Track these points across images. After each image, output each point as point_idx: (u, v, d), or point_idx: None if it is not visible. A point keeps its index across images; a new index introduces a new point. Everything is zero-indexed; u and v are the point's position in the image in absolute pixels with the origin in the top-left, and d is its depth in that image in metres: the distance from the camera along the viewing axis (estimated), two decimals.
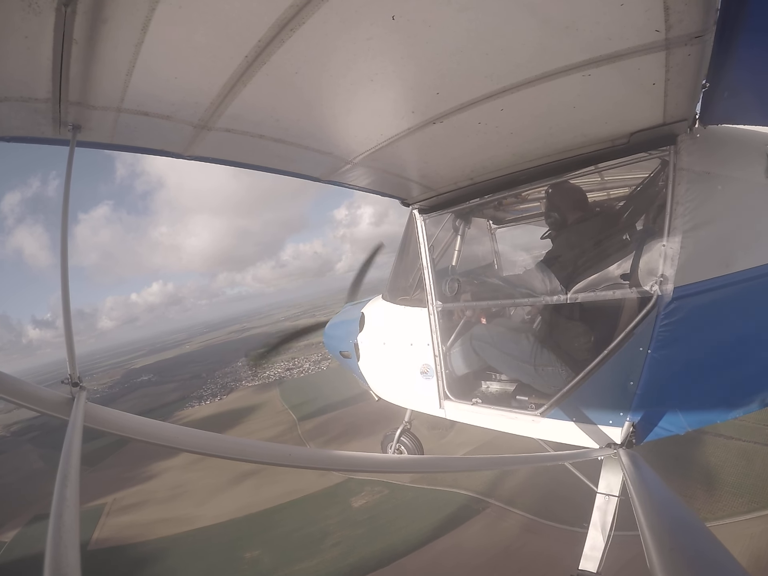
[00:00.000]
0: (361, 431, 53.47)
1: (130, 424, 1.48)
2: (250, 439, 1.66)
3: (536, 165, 2.65)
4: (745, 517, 27.06)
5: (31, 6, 1.19)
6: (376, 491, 44.23)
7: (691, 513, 1.63)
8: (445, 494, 40.20)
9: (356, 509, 42.22)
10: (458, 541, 33.41)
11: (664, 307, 2.28)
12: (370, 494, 44.03)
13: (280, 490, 48.10)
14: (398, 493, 42.92)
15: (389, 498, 42.60)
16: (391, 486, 43.89)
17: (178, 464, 57.52)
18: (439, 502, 39.40)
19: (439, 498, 39.91)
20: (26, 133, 1.87)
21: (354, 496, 44.35)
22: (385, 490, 43.91)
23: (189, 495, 50.75)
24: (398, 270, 4.17)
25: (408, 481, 43.03)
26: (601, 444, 2.59)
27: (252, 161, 2.50)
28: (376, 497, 43.41)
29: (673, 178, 2.24)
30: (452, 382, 3.45)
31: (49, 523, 0.89)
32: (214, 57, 1.47)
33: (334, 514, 42.06)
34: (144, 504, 49.66)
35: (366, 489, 44.83)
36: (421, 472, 3.57)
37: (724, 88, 1.68)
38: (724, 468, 31.14)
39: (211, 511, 46.57)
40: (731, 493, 29.18)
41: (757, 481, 29.58)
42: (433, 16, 1.33)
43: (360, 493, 44.44)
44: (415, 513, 38.91)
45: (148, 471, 58.04)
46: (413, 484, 42.81)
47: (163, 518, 46.24)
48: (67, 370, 1.51)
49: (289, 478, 49.43)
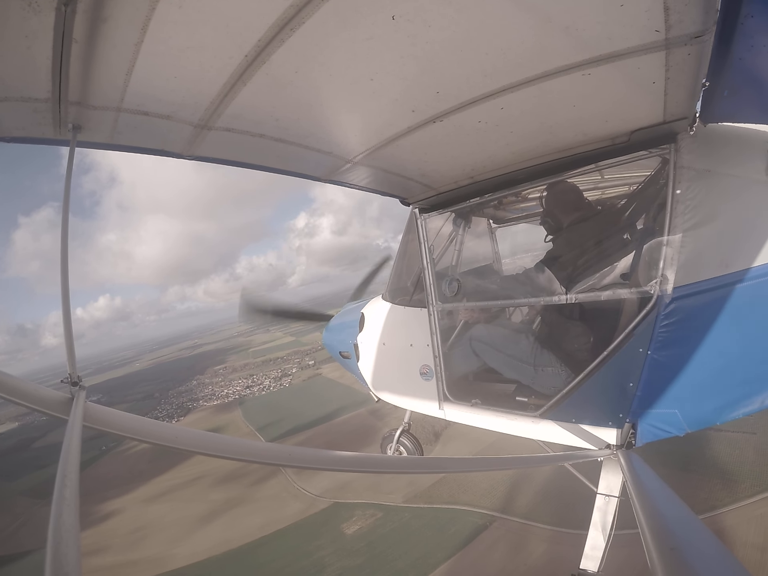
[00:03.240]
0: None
1: (130, 424, 1.48)
2: (250, 440, 1.66)
3: (536, 163, 2.65)
4: (751, 500, 28.04)
5: (30, 5, 1.19)
6: (369, 515, 40.52)
7: (691, 513, 1.63)
8: (444, 512, 37.60)
9: (350, 536, 38.33)
10: (473, 559, 31.03)
11: (664, 307, 2.27)
12: (362, 519, 40.29)
13: (258, 520, 43.64)
14: (393, 515, 39.55)
15: (384, 521, 39.03)
16: (384, 508, 40.63)
17: (136, 499, 52.61)
18: (440, 520, 36.66)
19: (440, 516, 37.24)
20: (26, 134, 1.87)
21: (344, 522, 40.48)
22: (378, 513, 40.41)
23: (156, 533, 45.39)
24: (398, 270, 4.17)
25: (402, 501, 40.23)
26: (601, 445, 2.59)
27: (252, 161, 2.50)
28: (369, 522, 39.64)
29: (673, 176, 2.24)
30: (452, 383, 3.44)
31: (49, 523, 0.89)
32: (214, 56, 1.47)
33: (326, 543, 38.02)
34: (106, 549, 43.27)
35: (356, 513, 41.12)
36: (422, 472, 3.55)
37: (724, 86, 1.68)
38: (719, 459, 31.79)
39: (184, 550, 41.58)
40: (732, 481, 29.87)
41: (753, 467, 30.44)
42: (433, 16, 1.33)
43: (351, 519, 40.62)
44: (416, 535, 35.82)
45: (102, 509, 51.65)
46: (408, 504, 39.91)
47: (131, 560, 41.13)
48: (67, 369, 1.51)
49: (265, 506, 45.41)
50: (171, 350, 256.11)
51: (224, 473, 55.77)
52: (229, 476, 54.91)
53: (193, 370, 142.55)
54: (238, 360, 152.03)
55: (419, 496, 40.72)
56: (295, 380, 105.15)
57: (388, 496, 42.41)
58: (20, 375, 1.61)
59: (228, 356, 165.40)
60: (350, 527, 39.76)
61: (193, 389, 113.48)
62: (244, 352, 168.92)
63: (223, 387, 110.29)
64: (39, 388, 1.38)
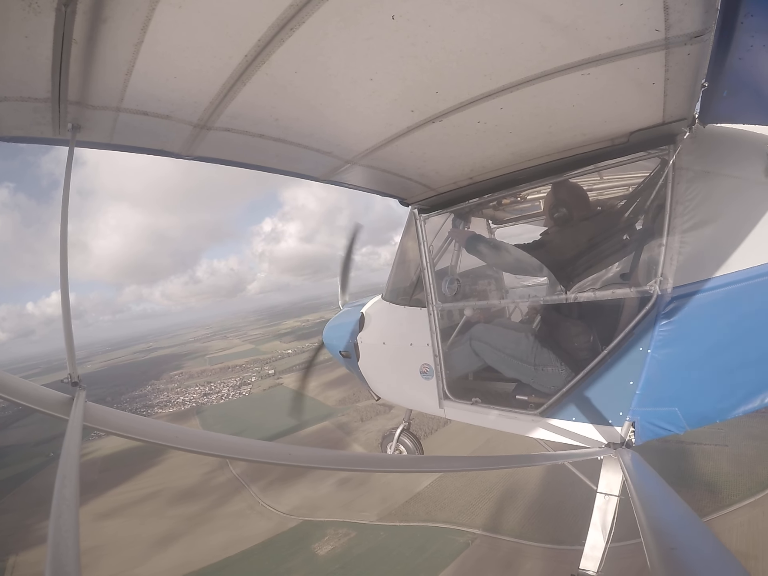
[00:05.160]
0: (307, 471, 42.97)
1: (130, 424, 1.48)
2: (249, 439, 1.66)
3: (536, 164, 2.66)
4: (729, 509, 28.91)
5: (31, 6, 1.19)
6: (342, 534, 37.73)
7: (692, 512, 1.63)
8: (421, 530, 35.43)
9: (324, 557, 35.59)
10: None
11: (664, 306, 2.28)
12: (334, 538, 37.40)
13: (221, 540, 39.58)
14: (368, 533, 36.89)
15: (359, 540, 36.29)
16: (357, 527, 37.93)
17: (88, 514, 47.75)
18: (418, 539, 34.35)
19: (417, 535, 34.90)
20: (26, 133, 1.87)
21: (316, 541, 37.54)
22: (351, 532, 37.68)
23: (112, 554, 40.93)
24: (398, 270, 4.17)
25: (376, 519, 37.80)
26: (601, 444, 2.59)
27: (251, 161, 2.50)
28: (342, 541, 36.84)
29: (672, 177, 2.25)
30: (452, 382, 3.45)
31: (50, 523, 0.89)
32: (213, 56, 1.47)
33: (298, 565, 35.12)
34: None
35: (328, 532, 38.28)
36: (421, 471, 3.54)
37: (723, 87, 1.68)
38: (694, 471, 32.53)
39: (143, 572, 37.85)
40: (709, 491, 30.67)
41: (728, 477, 31.33)
42: (432, 16, 1.33)
43: (323, 538, 37.72)
44: (394, 555, 33.35)
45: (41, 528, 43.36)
46: (382, 522, 37.53)
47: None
48: (67, 369, 1.51)
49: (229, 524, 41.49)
50: (124, 353, 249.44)
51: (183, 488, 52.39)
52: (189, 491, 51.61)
53: (148, 375, 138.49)
54: (195, 366, 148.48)
55: (394, 514, 38.52)
56: (255, 389, 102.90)
57: (361, 514, 40.01)
58: None
59: (184, 362, 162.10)
60: (322, 547, 37.07)
61: (147, 395, 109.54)
62: (200, 358, 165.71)
63: (179, 394, 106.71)
64: (39, 388, 1.38)
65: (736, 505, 29.12)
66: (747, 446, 33.84)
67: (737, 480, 30.90)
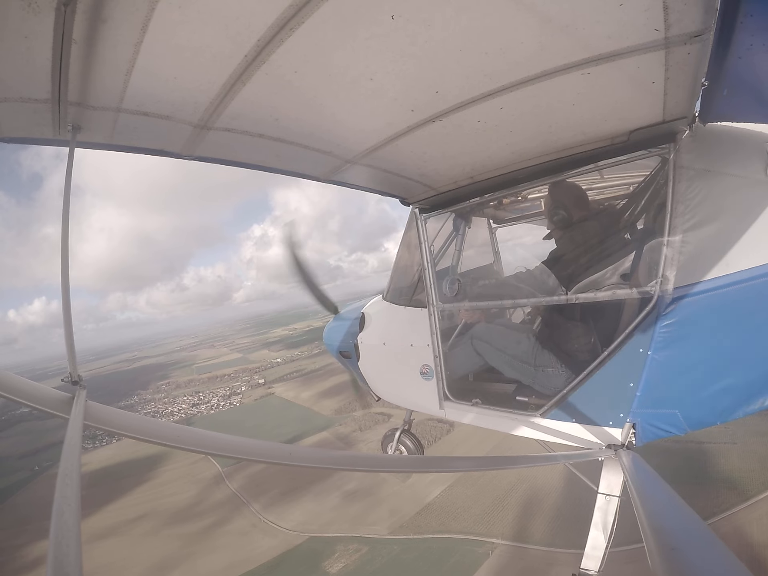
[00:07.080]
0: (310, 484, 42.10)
1: (131, 423, 1.49)
2: (250, 438, 1.66)
3: (536, 163, 2.65)
4: (745, 504, 28.89)
5: (30, 6, 1.19)
6: (353, 550, 34.86)
7: (693, 512, 1.63)
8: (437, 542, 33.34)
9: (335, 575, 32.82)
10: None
11: (665, 307, 2.27)
12: (345, 554, 34.60)
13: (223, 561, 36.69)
14: (380, 548, 34.30)
15: (372, 556, 33.72)
16: (369, 541, 35.13)
17: None
18: (434, 552, 32.30)
19: (433, 547, 32.85)
20: (26, 134, 1.87)
21: (326, 559, 34.80)
22: (362, 547, 34.85)
23: None
24: (398, 270, 4.17)
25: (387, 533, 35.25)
26: (602, 444, 2.59)
27: (252, 161, 2.51)
28: (354, 557, 34.16)
29: (672, 176, 2.24)
30: (452, 383, 3.44)
31: (51, 522, 0.89)
32: (213, 56, 1.47)
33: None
34: None
35: (338, 549, 35.34)
36: (422, 471, 3.55)
37: (723, 86, 1.68)
38: (708, 469, 32.45)
39: None
40: (725, 488, 30.61)
41: (741, 473, 31.38)
42: (432, 16, 1.33)
43: (333, 555, 34.90)
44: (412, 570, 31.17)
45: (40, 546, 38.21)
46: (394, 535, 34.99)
47: None
48: (68, 368, 1.51)
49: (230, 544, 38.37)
50: (109, 362, 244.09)
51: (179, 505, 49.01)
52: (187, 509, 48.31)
53: (134, 385, 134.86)
54: (182, 376, 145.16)
55: (406, 527, 36.35)
56: (245, 399, 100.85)
57: (370, 528, 37.68)
58: None
59: (171, 371, 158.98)
60: (334, 565, 34.46)
61: (134, 405, 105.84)
62: (187, 368, 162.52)
63: (168, 404, 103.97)
64: (39, 387, 1.38)
65: (754, 499, 29.20)
66: (755, 443, 34.06)
67: (750, 475, 31.06)
